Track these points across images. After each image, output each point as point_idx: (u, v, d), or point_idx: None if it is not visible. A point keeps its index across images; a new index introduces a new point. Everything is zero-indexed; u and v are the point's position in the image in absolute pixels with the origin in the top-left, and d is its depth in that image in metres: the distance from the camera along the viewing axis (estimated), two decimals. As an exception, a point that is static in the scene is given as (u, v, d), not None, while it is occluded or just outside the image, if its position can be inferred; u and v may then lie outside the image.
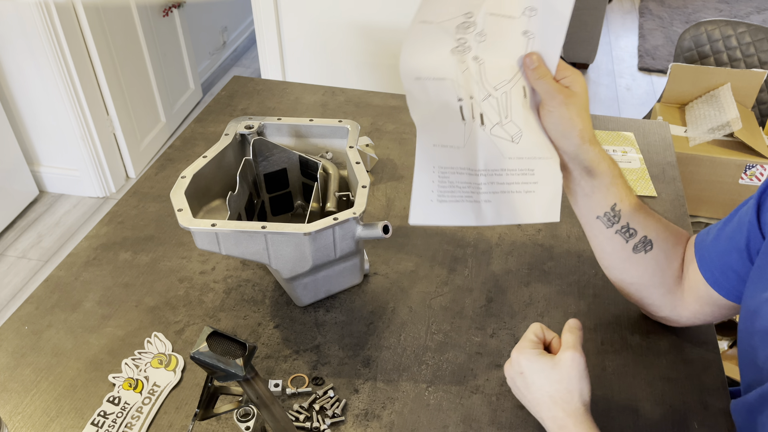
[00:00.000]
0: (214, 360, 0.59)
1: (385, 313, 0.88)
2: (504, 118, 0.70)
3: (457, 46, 0.68)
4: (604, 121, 1.29)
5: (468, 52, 0.69)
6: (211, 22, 3.37)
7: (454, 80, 0.69)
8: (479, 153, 0.70)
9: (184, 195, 0.79)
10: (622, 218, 0.74)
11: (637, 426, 0.74)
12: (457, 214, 0.70)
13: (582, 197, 0.75)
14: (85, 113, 2.37)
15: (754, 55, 2.23)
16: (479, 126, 0.70)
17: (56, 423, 0.75)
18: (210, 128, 1.26)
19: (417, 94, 0.68)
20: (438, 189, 0.69)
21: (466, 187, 0.70)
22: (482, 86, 0.70)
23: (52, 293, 0.91)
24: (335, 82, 1.88)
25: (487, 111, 0.70)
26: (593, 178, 0.72)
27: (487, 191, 0.70)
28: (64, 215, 2.49)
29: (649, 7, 4.27)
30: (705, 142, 2.09)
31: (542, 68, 0.69)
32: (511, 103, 0.71)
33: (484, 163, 0.70)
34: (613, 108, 3.27)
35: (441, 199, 0.69)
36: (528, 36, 0.69)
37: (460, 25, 0.67)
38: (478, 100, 0.70)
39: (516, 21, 0.68)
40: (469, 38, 0.68)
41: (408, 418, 0.75)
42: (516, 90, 0.71)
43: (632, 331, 0.86)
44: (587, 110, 0.70)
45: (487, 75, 0.70)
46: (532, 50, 0.70)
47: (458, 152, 0.69)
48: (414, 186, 0.69)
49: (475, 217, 0.71)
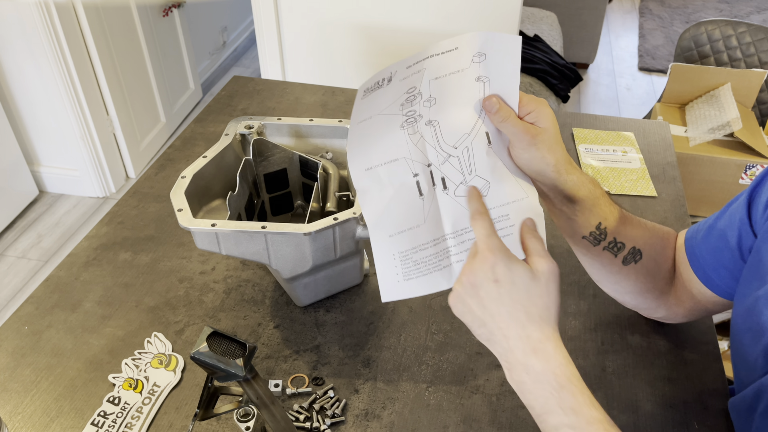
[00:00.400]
0: (214, 360, 0.59)
1: (385, 313, 0.88)
2: (468, 175, 0.68)
3: (407, 119, 0.66)
4: (604, 121, 1.29)
5: (420, 120, 0.66)
6: (211, 22, 3.37)
7: (406, 157, 0.67)
8: (444, 219, 0.68)
9: (184, 195, 0.79)
10: (608, 235, 0.73)
11: (637, 426, 0.74)
12: (426, 285, 0.68)
13: (565, 221, 0.73)
14: (85, 113, 2.37)
15: (755, 55, 2.23)
16: (441, 192, 0.68)
17: (56, 423, 0.75)
18: (210, 128, 1.26)
19: (368, 186, 0.67)
20: (402, 271, 0.68)
21: (432, 258, 0.68)
22: (440, 150, 0.67)
23: (52, 293, 0.91)
24: (335, 82, 1.88)
25: (448, 173, 0.68)
26: (575, 203, 0.71)
27: (458, 251, 0.68)
28: (64, 215, 2.49)
29: (649, 7, 4.27)
30: (705, 142, 2.09)
31: (504, 109, 0.66)
32: (474, 157, 0.68)
33: (451, 226, 0.68)
34: (613, 108, 3.27)
35: (408, 277, 0.68)
36: (482, 80, 0.67)
37: (404, 101, 0.65)
38: (437, 164, 0.67)
39: (466, 71, 0.66)
40: (417, 108, 0.66)
41: (408, 418, 0.75)
42: (478, 140, 0.68)
43: (632, 331, 0.86)
44: (559, 141, 0.68)
45: (444, 136, 0.67)
46: (488, 93, 0.67)
47: (418, 230, 0.68)
48: (377, 271, 0.68)
49: (446, 282, 0.68)
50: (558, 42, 2.79)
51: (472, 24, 1.81)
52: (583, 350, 0.83)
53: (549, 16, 2.91)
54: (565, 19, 3.19)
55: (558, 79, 2.49)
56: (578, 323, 0.87)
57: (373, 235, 0.67)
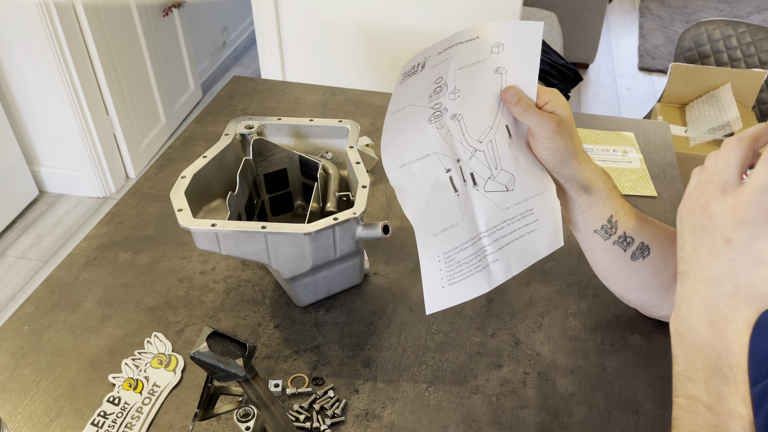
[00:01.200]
0: (214, 360, 0.59)
1: (385, 313, 0.88)
2: (495, 170, 0.69)
3: (434, 112, 0.66)
4: (604, 121, 1.29)
5: (445, 114, 0.67)
6: (211, 22, 3.37)
7: (438, 152, 0.67)
8: (478, 216, 0.68)
9: (184, 195, 0.79)
10: (619, 228, 0.74)
11: (637, 426, 0.74)
12: (470, 289, 0.69)
13: (579, 214, 0.74)
14: (84, 113, 2.37)
15: (755, 55, 2.23)
16: (472, 188, 0.68)
17: (56, 423, 0.75)
18: (210, 128, 1.26)
19: (405, 183, 0.67)
20: (447, 275, 0.68)
21: (472, 258, 0.69)
22: (467, 144, 0.68)
23: (52, 293, 0.91)
24: (335, 82, 1.88)
25: (476, 168, 0.68)
26: (590, 194, 0.72)
27: (493, 251, 0.69)
28: (63, 215, 2.49)
29: (649, 7, 4.27)
30: (705, 142, 2.09)
31: (524, 100, 0.66)
32: (498, 150, 0.68)
33: (485, 224, 0.69)
34: (613, 108, 3.27)
35: (452, 282, 0.68)
36: (500, 72, 0.66)
37: (432, 93, 0.65)
38: (465, 160, 0.68)
39: (486, 62, 0.66)
40: (443, 101, 0.66)
41: (408, 419, 0.75)
42: (500, 134, 0.68)
43: (632, 331, 0.86)
44: (575, 129, 0.69)
45: (468, 130, 0.67)
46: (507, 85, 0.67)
47: (458, 228, 0.68)
48: (423, 278, 0.68)
49: (487, 284, 0.70)
50: (558, 42, 2.79)
51: (472, 24, 1.81)
52: (583, 350, 0.83)
53: (549, 16, 2.91)
54: (565, 19, 3.19)
55: (558, 79, 2.49)
56: (578, 323, 0.87)
57: (419, 235, 0.67)
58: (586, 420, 0.75)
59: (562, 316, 0.88)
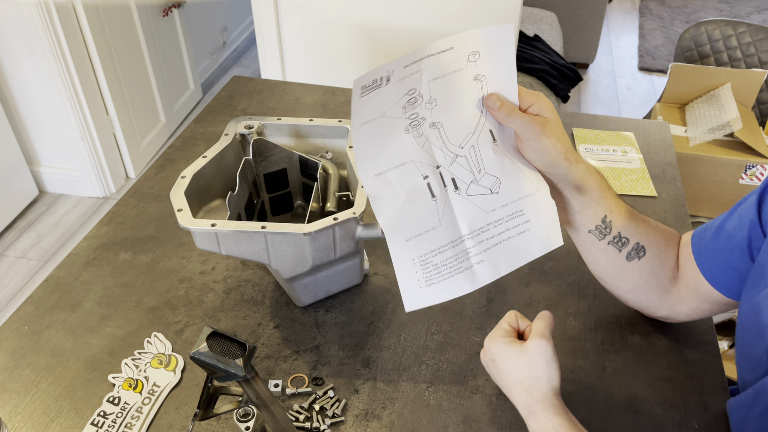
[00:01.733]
0: (214, 360, 0.59)
1: (385, 313, 0.88)
2: (477, 173, 0.68)
3: (411, 122, 0.66)
4: (604, 121, 1.29)
5: (423, 123, 0.66)
6: (211, 22, 3.37)
7: (414, 160, 0.67)
8: (459, 220, 0.68)
9: (184, 195, 0.79)
10: (613, 228, 0.74)
11: (637, 426, 0.74)
12: (449, 289, 0.69)
13: (572, 214, 0.74)
14: (84, 113, 2.37)
15: (755, 54, 2.23)
16: (453, 192, 0.68)
17: (56, 423, 0.75)
18: (210, 128, 1.26)
19: (380, 191, 0.67)
20: (423, 276, 0.68)
21: (452, 261, 0.68)
22: (447, 150, 0.68)
23: (52, 293, 0.91)
24: (335, 82, 1.88)
25: (458, 173, 0.68)
26: (583, 194, 0.72)
27: (477, 252, 0.69)
28: (63, 215, 2.49)
29: (649, 7, 4.27)
30: (705, 142, 2.09)
31: (507, 105, 0.67)
32: (481, 155, 0.68)
33: (467, 226, 0.68)
34: (613, 108, 3.27)
35: (429, 283, 0.68)
36: (479, 79, 0.67)
37: (406, 104, 0.65)
38: (446, 165, 0.68)
39: (464, 71, 0.66)
40: (420, 110, 0.66)
41: (408, 419, 0.75)
42: (483, 138, 0.68)
43: (632, 331, 0.86)
44: (564, 130, 0.69)
45: (449, 137, 0.67)
46: (488, 92, 0.67)
47: (435, 233, 0.68)
48: (398, 279, 0.67)
49: (470, 285, 0.69)
50: (558, 42, 2.79)
51: (472, 24, 1.81)
52: (583, 350, 0.83)
53: (549, 16, 2.91)
54: (565, 19, 3.19)
55: (558, 79, 2.49)
56: (578, 323, 0.87)
57: (390, 240, 0.67)
58: (586, 420, 0.75)
59: (561, 316, 0.88)
